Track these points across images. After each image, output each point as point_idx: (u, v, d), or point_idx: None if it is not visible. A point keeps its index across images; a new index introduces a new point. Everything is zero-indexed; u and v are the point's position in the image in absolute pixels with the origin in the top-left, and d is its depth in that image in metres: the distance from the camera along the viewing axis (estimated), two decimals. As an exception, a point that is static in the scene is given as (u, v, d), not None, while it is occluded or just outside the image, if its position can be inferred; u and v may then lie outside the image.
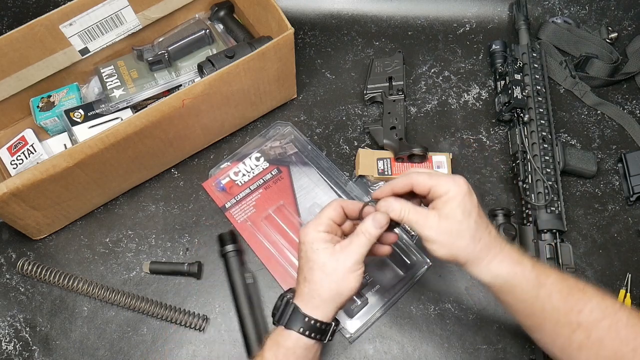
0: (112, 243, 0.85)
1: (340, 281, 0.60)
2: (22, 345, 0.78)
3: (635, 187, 0.85)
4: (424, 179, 0.61)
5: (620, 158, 0.89)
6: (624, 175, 0.88)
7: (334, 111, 0.94)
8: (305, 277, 0.61)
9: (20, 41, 0.80)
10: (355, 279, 0.60)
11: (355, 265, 0.60)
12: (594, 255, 0.84)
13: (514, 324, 0.79)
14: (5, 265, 0.83)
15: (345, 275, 0.60)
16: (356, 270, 0.60)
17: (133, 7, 0.86)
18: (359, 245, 0.61)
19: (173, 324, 0.79)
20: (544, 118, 0.88)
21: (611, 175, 0.89)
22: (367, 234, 0.61)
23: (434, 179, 0.61)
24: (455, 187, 0.60)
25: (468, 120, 0.94)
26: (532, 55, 0.92)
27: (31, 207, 0.76)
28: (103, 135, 0.72)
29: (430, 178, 0.61)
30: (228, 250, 0.80)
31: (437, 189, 0.60)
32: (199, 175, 0.89)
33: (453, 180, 0.60)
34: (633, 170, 0.86)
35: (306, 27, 1.02)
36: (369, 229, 0.61)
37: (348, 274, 0.60)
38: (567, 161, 0.86)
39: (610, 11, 1.03)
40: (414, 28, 1.02)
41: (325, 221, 0.63)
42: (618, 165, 0.89)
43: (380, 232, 0.61)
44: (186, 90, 0.76)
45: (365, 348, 0.78)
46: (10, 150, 0.86)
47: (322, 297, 0.61)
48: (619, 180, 0.88)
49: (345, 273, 0.60)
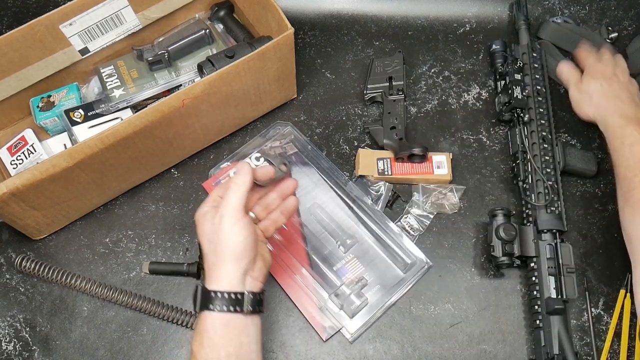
0: (112, 243, 0.85)
1: (224, 240, 0.59)
2: (22, 345, 0.78)
3: None
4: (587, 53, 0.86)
5: None
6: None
7: (334, 111, 0.94)
8: (203, 255, 0.62)
9: (20, 41, 0.80)
10: (237, 232, 0.59)
11: (231, 219, 0.59)
12: (594, 255, 0.84)
13: (514, 324, 0.79)
14: (5, 265, 0.83)
15: (226, 232, 0.59)
16: (235, 224, 0.59)
17: (133, 7, 0.86)
18: (229, 197, 0.60)
19: (173, 324, 0.79)
20: (544, 118, 0.88)
21: (611, 175, 0.89)
22: (232, 183, 0.61)
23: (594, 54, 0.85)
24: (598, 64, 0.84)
25: (468, 120, 0.94)
26: (532, 55, 0.92)
27: (31, 207, 0.76)
28: (103, 135, 0.72)
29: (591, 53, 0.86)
30: None
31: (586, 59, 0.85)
32: (199, 175, 0.89)
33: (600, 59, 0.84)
34: None
35: (306, 27, 1.02)
36: (234, 178, 0.62)
37: (228, 229, 0.59)
38: (567, 161, 0.86)
39: (610, 11, 1.03)
40: (414, 28, 1.02)
41: (210, 199, 0.64)
42: None
43: (246, 177, 0.61)
44: (186, 90, 0.76)
45: (365, 348, 0.78)
46: (10, 150, 0.86)
47: (216, 264, 0.60)
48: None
49: (225, 230, 0.59)
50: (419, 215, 0.85)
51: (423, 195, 0.86)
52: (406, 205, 0.86)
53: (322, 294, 0.79)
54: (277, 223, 0.69)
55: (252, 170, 0.63)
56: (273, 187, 0.69)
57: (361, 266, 0.82)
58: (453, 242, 0.84)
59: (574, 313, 0.79)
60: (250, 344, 0.61)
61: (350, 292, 0.78)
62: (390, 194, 0.86)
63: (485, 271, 0.82)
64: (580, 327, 0.79)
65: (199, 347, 0.59)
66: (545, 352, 0.74)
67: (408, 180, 0.88)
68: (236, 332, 0.60)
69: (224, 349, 0.58)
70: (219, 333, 0.59)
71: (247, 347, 0.60)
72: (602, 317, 0.79)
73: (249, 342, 0.60)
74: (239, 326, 0.60)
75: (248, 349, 0.60)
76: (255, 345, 0.61)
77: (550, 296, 0.76)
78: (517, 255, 0.78)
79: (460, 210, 0.86)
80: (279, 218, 0.68)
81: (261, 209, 0.68)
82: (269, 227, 0.68)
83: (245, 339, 0.60)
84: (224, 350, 0.58)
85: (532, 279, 0.78)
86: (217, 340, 0.59)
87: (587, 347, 0.77)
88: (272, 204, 0.69)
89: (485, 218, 0.85)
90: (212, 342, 0.58)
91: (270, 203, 0.69)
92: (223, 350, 0.58)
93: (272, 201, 0.69)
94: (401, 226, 0.84)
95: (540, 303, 0.76)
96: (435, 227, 0.85)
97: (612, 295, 0.80)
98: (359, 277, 0.80)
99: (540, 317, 0.76)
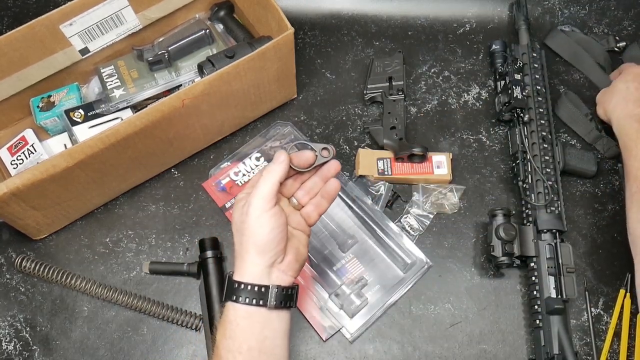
0: (112, 243, 0.85)
1: (250, 232, 0.57)
2: (22, 345, 0.78)
3: None
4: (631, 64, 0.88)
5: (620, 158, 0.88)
6: (624, 175, 0.87)
7: (334, 111, 0.94)
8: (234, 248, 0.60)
9: (20, 41, 0.80)
10: (262, 224, 0.57)
11: (258, 210, 0.57)
12: (594, 255, 0.84)
13: (514, 324, 0.79)
14: (6, 265, 0.83)
15: (252, 223, 0.57)
16: (262, 214, 0.57)
17: (133, 7, 0.86)
18: (259, 187, 0.58)
19: (173, 324, 0.79)
20: (544, 118, 0.88)
21: (611, 175, 0.89)
22: (265, 172, 0.59)
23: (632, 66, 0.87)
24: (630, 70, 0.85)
25: (468, 120, 0.94)
26: (532, 55, 0.92)
27: (31, 207, 0.76)
28: (103, 135, 0.72)
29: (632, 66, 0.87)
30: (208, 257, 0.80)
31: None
32: (199, 175, 0.89)
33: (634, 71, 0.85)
34: None
35: (306, 27, 1.02)
36: (269, 167, 0.59)
37: (254, 220, 0.57)
38: (567, 161, 0.86)
39: (610, 11, 1.03)
40: (414, 28, 1.02)
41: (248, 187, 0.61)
42: (618, 165, 0.89)
43: (280, 166, 0.59)
44: (186, 90, 0.76)
45: (365, 348, 0.78)
46: (10, 150, 0.86)
47: (242, 256, 0.58)
48: (619, 180, 0.88)
49: (252, 221, 0.57)
50: (419, 215, 0.85)
51: (423, 195, 0.86)
52: (406, 205, 0.86)
53: (322, 293, 0.79)
54: (320, 208, 0.65)
55: (290, 157, 0.61)
56: (315, 171, 0.65)
57: (361, 266, 0.82)
58: (453, 242, 0.84)
59: (574, 313, 0.79)
60: (275, 338, 0.58)
61: (350, 292, 0.78)
62: (390, 194, 0.86)
63: (485, 271, 0.82)
64: (580, 327, 0.79)
65: (222, 337, 0.57)
66: (545, 352, 0.74)
67: (408, 180, 0.88)
68: (259, 326, 0.58)
69: (246, 342, 0.57)
70: (241, 325, 0.57)
71: (271, 342, 0.58)
72: (602, 317, 0.79)
73: (273, 337, 0.58)
74: (262, 320, 0.58)
75: (272, 344, 0.58)
76: (281, 340, 0.59)
77: (550, 296, 0.76)
78: (517, 255, 0.78)
79: (460, 210, 0.86)
80: (321, 202, 0.65)
81: (303, 194, 0.65)
82: (312, 213, 0.65)
83: (270, 333, 0.58)
84: (245, 343, 0.56)
85: (532, 279, 0.78)
86: (239, 333, 0.57)
87: (587, 347, 0.77)
88: (314, 188, 0.65)
89: (485, 218, 0.85)
90: (234, 334, 0.57)
91: (312, 187, 0.65)
92: (245, 343, 0.56)
93: (314, 185, 0.65)
94: (401, 226, 0.84)
95: (540, 303, 0.76)
96: (435, 227, 0.85)
97: (612, 295, 0.80)
98: (359, 277, 0.80)
99: (540, 317, 0.76)
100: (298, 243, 0.62)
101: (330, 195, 0.65)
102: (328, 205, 0.66)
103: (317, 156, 0.63)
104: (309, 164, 0.63)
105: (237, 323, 0.57)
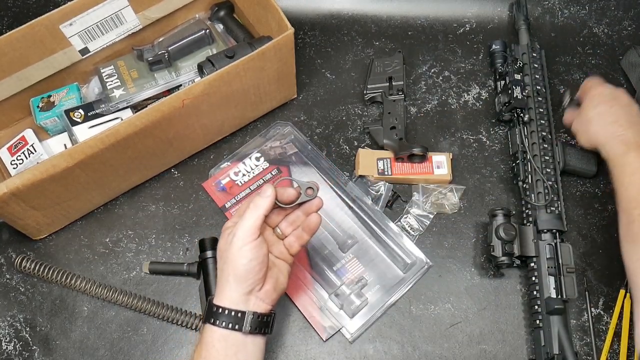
0: (112, 243, 0.85)
1: (231, 260, 0.60)
2: (22, 345, 0.78)
3: None
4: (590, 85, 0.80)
5: None
6: None
7: (334, 111, 0.94)
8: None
9: (20, 41, 0.80)
10: (243, 255, 0.60)
11: (241, 240, 0.60)
12: (594, 255, 0.84)
13: (514, 324, 0.79)
14: (6, 265, 0.83)
15: (234, 253, 0.60)
16: (244, 246, 0.60)
17: (133, 7, 0.86)
18: (244, 218, 0.61)
19: (173, 324, 0.79)
20: (544, 118, 0.88)
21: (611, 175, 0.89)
22: (252, 204, 0.62)
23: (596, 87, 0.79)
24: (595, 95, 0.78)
25: (468, 120, 0.94)
26: (532, 55, 0.92)
27: (31, 207, 0.76)
28: (103, 135, 0.72)
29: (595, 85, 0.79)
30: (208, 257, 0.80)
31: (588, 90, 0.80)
32: (199, 175, 0.89)
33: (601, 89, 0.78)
34: None
35: (306, 27, 1.02)
36: (255, 200, 0.62)
37: (237, 250, 0.60)
38: (567, 161, 0.86)
39: (610, 11, 1.03)
40: (414, 28, 1.02)
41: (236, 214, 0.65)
42: None
43: (267, 200, 0.62)
44: (186, 90, 0.76)
45: (365, 348, 0.78)
46: (10, 150, 0.86)
47: (222, 282, 0.61)
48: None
49: (234, 251, 0.60)
50: (419, 215, 0.85)
51: (423, 195, 0.86)
52: (406, 205, 0.86)
53: (322, 293, 0.79)
54: (301, 240, 0.68)
55: (275, 193, 0.63)
56: (299, 206, 0.68)
57: (361, 266, 0.82)
58: (453, 242, 0.84)
59: (573, 313, 0.79)
60: None
61: (350, 292, 0.78)
62: (390, 194, 0.86)
63: (485, 271, 0.82)
64: (580, 327, 0.79)
65: (197, 358, 0.61)
66: (545, 352, 0.74)
67: (408, 180, 0.88)
68: (234, 349, 0.61)
69: None
70: (217, 347, 0.60)
71: None
72: (602, 317, 0.79)
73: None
74: (237, 343, 0.61)
75: None
76: None
77: (550, 296, 0.76)
78: (517, 255, 0.78)
79: (460, 210, 0.86)
80: (302, 235, 0.68)
81: (287, 225, 0.68)
82: (294, 244, 0.68)
83: (243, 356, 0.61)
84: None
85: (532, 279, 0.78)
86: (214, 354, 0.60)
87: (587, 347, 0.77)
88: (297, 221, 0.68)
89: (485, 218, 0.85)
90: (210, 355, 0.60)
91: (295, 220, 0.68)
92: None
93: (296, 218, 0.68)
94: (401, 226, 0.84)
95: (540, 303, 0.76)
96: (435, 227, 0.85)
97: (612, 295, 0.80)
98: (359, 277, 0.80)
99: (540, 317, 0.76)
100: (278, 272, 0.66)
101: (311, 229, 0.68)
102: (309, 238, 0.69)
103: (301, 194, 0.66)
104: (291, 201, 0.66)
105: (212, 345, 0.60)
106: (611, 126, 0.74)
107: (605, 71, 0.98)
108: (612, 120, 0.75)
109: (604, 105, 0.76)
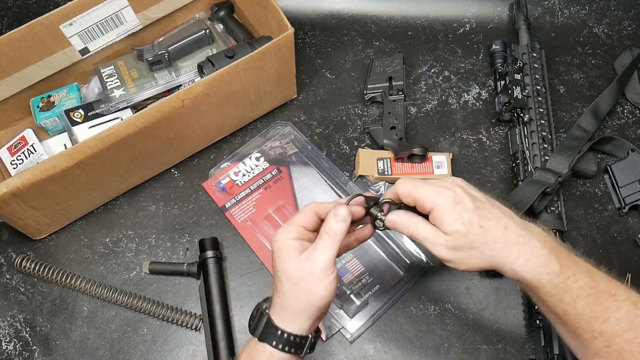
0: (112, 243, 0.85)
1: (309, 292, 0.56)
2: (22, 345, 0.78)
3: (627, 198, 0.84)
4: (408, 189, 0.57)
5: (606, 169, 0.87)
6: (612, 186, 0.86)
7: (334, 111, 0.94)
8: (276, 287, 0.58)
9: (20, 41, 0.80)
10: (325, 287, 0.55)
11: (323, 273, 0.55)
12: (594, 255, 0.83)
13: (514, 324, 0.79)
14: (6, 265, 0.83)
15: (314, 285, 0.55)
16: (325, 278, 0.55)
17: (133, 7, 0.86)
18: (324, 248, 0.56)
19: (173, 324, 0.79)
20: (544, 118, 0.88)
21: (611, 175, 0.89)
22: (331, 232, 0.56)
23: (417, 189, 0.56)
24: (440, 199, 0.55)
25: (468, 120, 0.94)
26: (532, 55, 0.92)
27: (31, 207, 0.76)
28: (103, 135, 0.72)
29: (414, 189, 0.56)
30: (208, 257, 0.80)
31: (423, 204, 0.56)
32: (199, 175, 0.89)
33: (436, 191, 0.56)
34: (621, 181, 0.85)
35: (306, 27, 1.02)
36: (332, 226, 0.56)
37: (317, 283, 0.55)
38: (567, 161, 0.86)
39: (610, 11, 1.03)
40: (414, 28, 1.02)
41: (294, 228, 0.58)
42: (604, 177, 0.88)
43: (344, 226, 0.56)
44: (186, 90, 0.76)
45: (365, 348, 0.78)
46: (10, 150, 0.86)
47: (292, 309, 0.57)
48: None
49: (314, 282, 0.55)
50: (419, 215, 0.85)
51: (423, 195, 0.86)
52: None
53: (322, 294, 0.79)
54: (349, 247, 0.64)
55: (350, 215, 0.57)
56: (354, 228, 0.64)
57: (361, 266, 0.82)
58: (453, 242, 0.84)
59: (574, 313, 0.79)
60: None
61: (350, 292, 0.78)
62: (390, 194, 0.86)
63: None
64: (580, 327, 0.79)
65: None
66: (545, 352, 0.74)
67: (408, 180, 0.87)
68: None
69: None
70: None
71: None
72: (602, 317, 0.79)
73: None
74: None
75: None
76: None
77: (550, 296, 0.76)
78: (517, 255, 0.78)
79: (460, 210, 0.86)
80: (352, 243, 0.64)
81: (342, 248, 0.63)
82: None
83: None
84: None
85: (532, 279, 0.78)
86: None
87: (587, 347, 0.77)
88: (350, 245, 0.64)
89: (485, 218, 0.85)
90: None
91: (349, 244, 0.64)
92: None
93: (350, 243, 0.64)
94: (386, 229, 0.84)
95: (540, 303, 0.76)
96: (435, 227, 0.85)
97: None
98: (359, 277, 0.80)
99: (540, 317, 0.76)
100: None
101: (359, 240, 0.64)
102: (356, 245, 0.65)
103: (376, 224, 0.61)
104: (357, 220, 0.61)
105: None
106: (502, 233, 0.56)
107: (605, 71, 0.97)
108: (499, 226, 0.56)
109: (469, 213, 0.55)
